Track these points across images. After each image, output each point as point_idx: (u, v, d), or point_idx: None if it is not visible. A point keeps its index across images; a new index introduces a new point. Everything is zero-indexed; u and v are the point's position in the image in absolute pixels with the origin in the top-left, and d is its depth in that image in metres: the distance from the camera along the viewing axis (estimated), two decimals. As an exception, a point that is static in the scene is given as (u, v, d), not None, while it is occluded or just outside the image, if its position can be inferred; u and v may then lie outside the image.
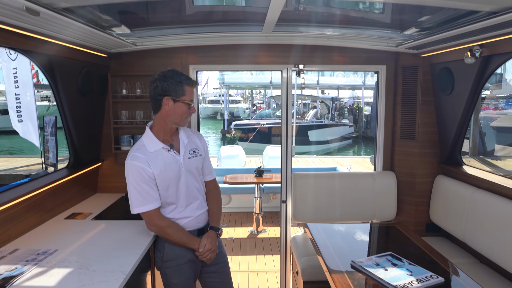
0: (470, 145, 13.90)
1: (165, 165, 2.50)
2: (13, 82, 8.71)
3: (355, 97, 36.77)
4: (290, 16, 2.98)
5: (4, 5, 1.93)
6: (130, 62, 4.03)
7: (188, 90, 2.47)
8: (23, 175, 11.50)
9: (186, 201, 2.62)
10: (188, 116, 2.54)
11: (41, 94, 30.19)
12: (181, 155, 2.59)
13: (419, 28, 3.24)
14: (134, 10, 2.85)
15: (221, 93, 38.60)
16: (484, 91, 18.29)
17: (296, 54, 3.99)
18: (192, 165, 2.63)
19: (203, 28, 3.48)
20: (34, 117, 8.78)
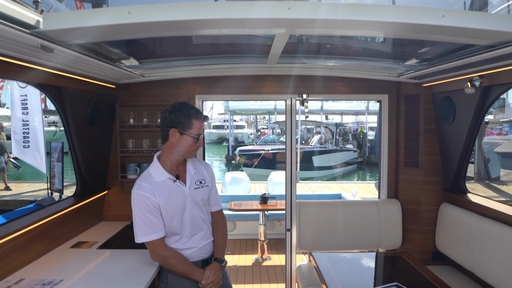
0: (476, 170, 13.83)
1: (170, 196, 2.51)
2: (20, 109, 8.85)
3: (359, 122, 36.92)
4: (293, 47, 3.08)
5: (20, 43, 2.02)
6: (138, 92, 4.13)
7: (196, 124, 2.49)
8: (28, 200, 11.55)
9: (190, 232, 2.62)
10: (195, 149, 2.54)
11: (48, 120, 30.58)
12: (187, 185, 2.60)
13: (420, 59, 3.32)
14: (143, 43, 2.95)
15: (226, 119, 38.93)
16: (487, 116, 18.32)
17: (299, 84, 4.08)
18: (198, 195, 2.64)
19: (208, 60, 3.59)
20: (41, 142, 8.87)
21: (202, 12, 1.93)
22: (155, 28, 2.08)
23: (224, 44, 3.26)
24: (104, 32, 2.12)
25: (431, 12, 2.02)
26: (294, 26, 2.15)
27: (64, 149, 6.46)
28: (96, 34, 2.15)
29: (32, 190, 13.65)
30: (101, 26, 1.98)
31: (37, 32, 1.98)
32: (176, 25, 2.04)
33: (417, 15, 2.01)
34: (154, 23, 1.98)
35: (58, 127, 30.21)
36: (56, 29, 1.99)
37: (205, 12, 1.93)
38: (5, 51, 2.13)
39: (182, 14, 1.93)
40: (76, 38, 2.20)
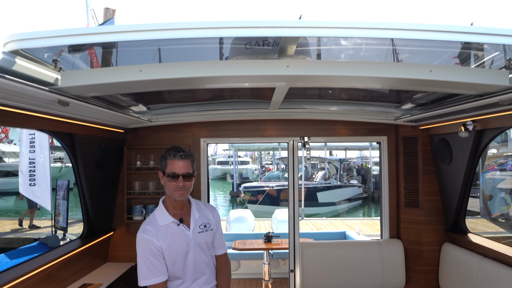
0: (481, 205, 13.70)
1: (173, 240, 2.52)
2: (28, 146, 9.00)
3: (363, 157, 36.91)
4: (294, 94, 3.24)
5: (39, 99, 2.19)
6: (145, 136, 4.30)
7: (170, 163, 2.46)
8: (32, 238, 11.51)
9: (193, 276, 2.62)
10: (176, 189, 2.46)
11: (54, 156, 30.89)
12: (190, 229, 2.62)
13: (415, 104, 3.47)
14: (151, 92, 3.13)
15: (230, 155, 39.10)
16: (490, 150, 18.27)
17: (301, 127, 4.24)
18: (202, 239, 2.65)
19: (213, 105, 3.76)
20: (48, 179, 8.95)
21: (208, 70, 2.10)
22: (164, 83, 2.25)
23: (228, 90, 3.42)
24: (117, 88, 2.29)
25: (420, 67, 2.19)
26: (293, 81, 2.31)
27: (70, 185, 6.53)
28: (110, 89, 2.32)
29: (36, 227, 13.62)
30: (115, 83, 2.14)
31: (55, 89, 2.14)
32: (183, 81, 2.21)
33: (407, 71, 2.17)
34: (163, 80, 2.14)
35: (64, 163, 30.46)
36: (73, 85, 2.16)
37: (210, 70, 2.10)
38: (23, 105, 2.29)
39: (190, 72, 2.10)
40: (91, 92, 2.37)
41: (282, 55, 2.09)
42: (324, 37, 1.97)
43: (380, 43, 2.24)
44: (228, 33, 1.87)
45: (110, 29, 1.92)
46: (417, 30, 1.82)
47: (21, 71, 1.85)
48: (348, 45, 2.33)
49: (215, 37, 1.95)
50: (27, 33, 1.87)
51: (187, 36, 1.83)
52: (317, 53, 2.38)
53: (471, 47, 2.25)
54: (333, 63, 2.19)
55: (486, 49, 2.25)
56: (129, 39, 1.88)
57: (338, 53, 2.41)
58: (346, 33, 1.81)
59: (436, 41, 2.05)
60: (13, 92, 1.97)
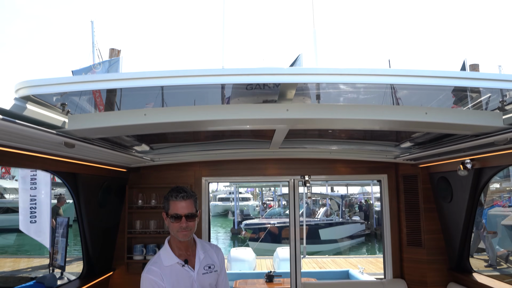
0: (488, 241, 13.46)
1: (178, 281, 2.53)
2: (29, 183, 8.96)
3: (365, 192, 36.65)
4: (294, 134, 3.31)
5: (46, 142, 2.25)
6: (147, 175, 4.34)
7: (172, 204, 2.47)
8: (28, 277, 11.27)
9: None
10: (180, 229, 2.47)
11: (55, 192, 30.71)
12: (195, 270, 2.61)
13: (413, 143, 3.53)
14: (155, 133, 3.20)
15: (231, 191, 38.85)
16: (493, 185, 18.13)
17: (301, 166, 4.28)
18: (206, 281, 2.63)
19: (215, 145, 3.82)
20: (47, 216, 8.85)
21: (210, 114, 2.18)
22: (167, 126, 2.32)
23: (229, 131, 3.49)
24: (122, 130, 2.36)
25: (415, 110, 2.26)
26: (293, 123, 2.39)
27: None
28: (115, 131, 2.39)
29: (33, 266, 13.38)
30: (120, 126, 2.22)
31: (62, 132, 2.21)
32: (186, 124, 2.28)
33: (403, 113, 2.25)
34: (167, 123, 2.21)
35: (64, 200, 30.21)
36: (80, 128, 2.23)
37: (213, 114, 2.18)
38: (31, 147, 2.36)
39: (192, 115, 2.18)
40: (97, 134, 2.44)
41: (281, 99, 2.17)
42: (321, 83, 2.06)
43: (378, 86, 2.33)
44: (230, 80, 1.96)
45: (115, 76, 2.02)
46: (414, 76, 1.91)
47: (31, 116, 1.93)
48: (347, 89, 2.42)
49: (217, 84, 2.03)
50: (38, 80, 1.96)
51: (190, 83, 1.92)
52: (316, 94, 2.47)
53: (466, 89, 2.34)
54: (332, 106, 2.27)
55: (481, 91, 2.34)
56: (134, 86, 1.96)
57: (337, 96, 2.50)
58: (344, 80, 1.89)
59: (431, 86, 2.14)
60: (22, 136, 2.04)
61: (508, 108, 2.26)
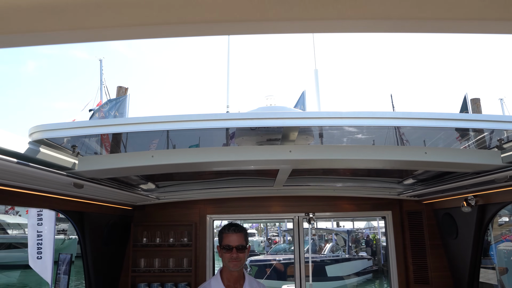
0: (499, 278, 13.10)
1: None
2: (36, 219, 8.98)
3: (371, 227, 36.06)
4: (298, 172, 3.36)
5: (55, 182, 2.32)
6: (152, 213, 4.36)
7: (226, 237, 2.71)
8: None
9: None
10: (230, 259, 2.69)
11: (58, 227, 30.51)
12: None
13: (416, 180, 3.57)
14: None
15: (236, 226, 38.34)
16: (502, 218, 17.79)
17: (305, 203, 4.30)
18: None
19: (219, 183, 3.87)
20: (51, 251, 8.81)
21: (215, 155, 2.25)
22: (174, 167, 2.39)
23: (234, 170, 3.56)
24: (130, 171, 2.43)
25: (415, 150, 2.33)
26: (296, 164, 2.45)
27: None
28: (123, 172, 2.46)
29: (34, 306, 13.11)
30: (128, 167, 2.29)
31: (72, 173, 2.29)
32: (192, 166, 2.35)
33: (404, 153, 2.31)
34: (173, 164, 2.29)
35: (67, 235, 30.01)
36: (89, 169, 2.30)
37: (218, 156, 2.25)
38: (40, 187, 2.42)
39: (198, 157, 2.25)
40: (105, 175, 2.51)
41: (285, 140, 2.26)
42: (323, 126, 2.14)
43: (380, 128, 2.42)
44: (235, 124, 2.06)
45: (123, 121, 2.12)
46: (416, 119, 1.99)
47: (44, 159, 2.00)
48: (350, 129, 2.51)
49: (222, 127, 2.12)
50: (51, 124, 2.06)
51: (195, 127, 2.01)
52: (319, 133, 2.56)
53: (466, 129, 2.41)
54: (334, 147, 2.35)
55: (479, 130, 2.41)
56: (140, 130, 2.06)
57: (339, 136, 2.58)
58: (345, 123, 1.98)
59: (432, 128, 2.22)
60: (34, 178, 2.11)
61: (506, 146, 2.32)
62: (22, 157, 1.88)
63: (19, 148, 1.87)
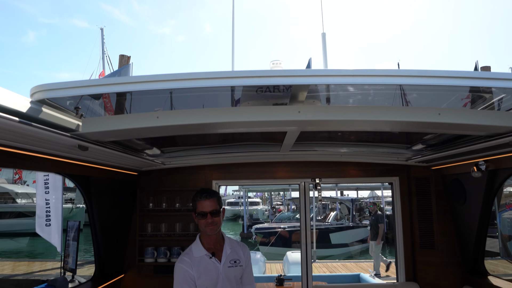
0: (501, 245, 13.22)
1: (205, 270, 2.79)
2: (43, 188, 9.14)
3: (375, 196, 36.33)
4: (305, 137, 3.30)
5: (60, 144, 2.28)
6: (158, 178, 4.36)
7: (199, 204, 2.76)
8: (40, 280, 11.39)
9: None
10: (207, 225, 2.75)
11: (66, 197, 31.07)
12: (221, 263, 2.85)
13: (425, 145, 3.49)
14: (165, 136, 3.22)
15: (240, 195, 38.85)
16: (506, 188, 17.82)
17: (312, 169, 4.26)
18: (231, 273, 2.86)
19: (225, 148, 3.83)
20: (59, 219, 9.01)
21: (222, 116, 2.19)
22: (179, 129, 2.33)
23: (240, 134, 3.51)
24: (134, 133, 2.38)
25: (428, 111, 2.24)
26: (304, 125, 2.38)
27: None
28: (128, 134, 2.41)
29: (45, 269, 13.51)
30: (133, 129, 2.23)
31: (76, 134, 2.25)
32: (198, 127, 2.29)
33: (416, 114, 2.23)
34: (179, 125, 2.23)
35: (75, 204, 30.56)
36: (93, 131, 2.25)
37: (224, 116, 2.18)
38: (45, 150, 2.39)
39: (204, 118, 2.19)
40: (110, 137, 2.46)
41: (293, 101, 2.18)
42: (334, 84, 2.05)
43: (388, 87, 2.32)
44: (241, 83, 1.97)
45: (126, 80, 2.04)
46: (426, 77, 1.90)
47: (46, 119, 1.95)
48: (357, 91, 2.41)
49: (227, 86, 2.04)
50: (53, 84, 2.00)
51: (200, 86, 1.94)
52: (326, 97, 2.47)
53: (479, 89, 2.32)
54: (344, 108, 2.27)
55: (494, 91, 2.31)
56: (144, 89, 1.99)
57: (347, 98, 2.50)
58: (357, 81, 1.89)
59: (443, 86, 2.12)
60: (37, 138, 2.07)
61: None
62: (25, 116, 1.84)
63: (21, 107, 1.81)
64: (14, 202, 30.38)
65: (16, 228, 27.07)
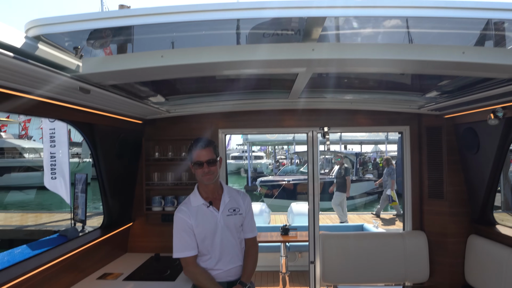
0: (502, 199, 13.35)
1: (203, 219, 2.80)
2: (49, 141, 9.18)
3: (378, 151, 36.48)
4: (314, 83, 3.16)
5: (61, 86, 2.17)
6: (163, 127, 4.27)
7: (195, 154, 2.74)
8: (52, 231, 11.73)
9: (219, 255, 2.83)
10: (203, 174, 2.74)
11: (72, 151, 31.44)
12: (219, 212, 2.85)
13: (440, 92, 3.35)
14: (169, 82, 3.10)
15: (244, 149, 39.10)
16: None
17: (320, 117, 4.15)
18: (230, 222, 2.86)
19: (231, 95, 3.70)
20: (67, 173, 9.13)
21: (231, 54, 2.04)
22: (184, 69, 2.20)
23: (247, 80, 3.37)
24: (138, 74, 2.26)
25: (452, 49, 2.08)
26: (319, 65, 2.23)
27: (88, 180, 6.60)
28: (131, 76, 2.29)
29: (55, 220, 13.88)
30: (136, 69, 2.11)
31: (77, 76, 2.13)
32: (204, 67, 2.16)
33: (438, 53, 2.08)
34: (184, 65, 2.09)
35: (81, 159, 30.95)
36: (94, 72, 2.13)
37: (234, 55, 2.04)
38: (45, 92, 2.28)
39: (212, 56, 2.05)
40: (112, 80, 2.34)
41: (307, 39, 2.02)
42: (353, 17, 1.89)
43: (404, 25, 2.15)
44: (250, 15, 1.81)
45: (127, 12, 1.89)
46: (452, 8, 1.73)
47: (43, 56, 1.83)
48: (376, 29, 2.25)
49: (233, 19, 1.89)
50: (48, 18, 1.86)
51: (204, 18, 1.79)
52: (341, 34, 2.30)
53: (501, 27, 2.14)
54: (360, 46, 2.11)
55: None
56: (146, 23, 1.85)
57: (364, 38, 2.33)
58: (377, 13, 1.73)
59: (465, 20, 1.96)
60: (35, 78, 1.96)
61: None
62: (20, 52, 1.71)
63: (16, 42, 1.68)
64: (22, 157, 30.78)
65: (25, 182, 27.70)
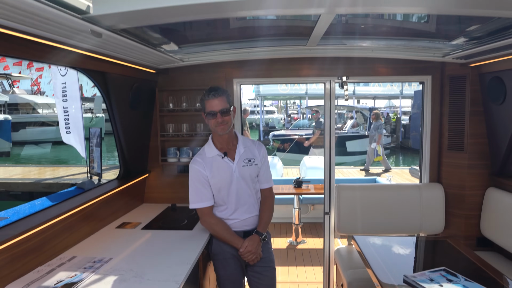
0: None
1: (218, 170, 2.81)
2: (61, 96, 9.19)
3: (391, 106, 35.94)
4: (334, 29, 2.99)
5: (72, 28, 2.07)
6: (177, 77, 4.17)
7: (208, 103, 2.71)
8: (69, 183, 12.07)
9: (235, 205, 2.86)
10: (216, 124, 2.72)
11: (85, 107, 31.67)
12: (234, 162, 2.84)
13: (468, 38, 3.16)
14: (182, 28, 2.97)
15: (256, 104, 38.86)
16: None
17: (339, 66, 3.99)
18: (245, 172, 2.86)
19: (247, 43, 3.56)
20: (81, 128, 9.22)
21: None
22: (197, 10, 2.07)
23: (263, 27, 3.21)
24: (150, 16, 2.14)
25: None
26: (338, 4, 2.07)
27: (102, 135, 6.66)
28: (143, 17, 2.17)
29: (72, 174, 14.24)
30: (148, 9, 1.99)
31: (88, 17, 2.03)
32: (217, 7, 2.03)
33: None
34: (195, 5, 1.96)
35: (94, 114, 31.19)
36: (106, 13, 2.02)
37: None
38: (55, 36, 2.19)
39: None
40: (124, 22, 2.23)
41: None
42: None
43: None
44: None
45: None
46: None
47: None
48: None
49: None
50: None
51: None
52: None
53: None
54: None
55: None
56: None
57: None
58: None
59: None
60: (45, 19, 1.86)
61: None
62: None
63: None
64: (36, 112, 31.12)
65: (41, 136, 28.25)
